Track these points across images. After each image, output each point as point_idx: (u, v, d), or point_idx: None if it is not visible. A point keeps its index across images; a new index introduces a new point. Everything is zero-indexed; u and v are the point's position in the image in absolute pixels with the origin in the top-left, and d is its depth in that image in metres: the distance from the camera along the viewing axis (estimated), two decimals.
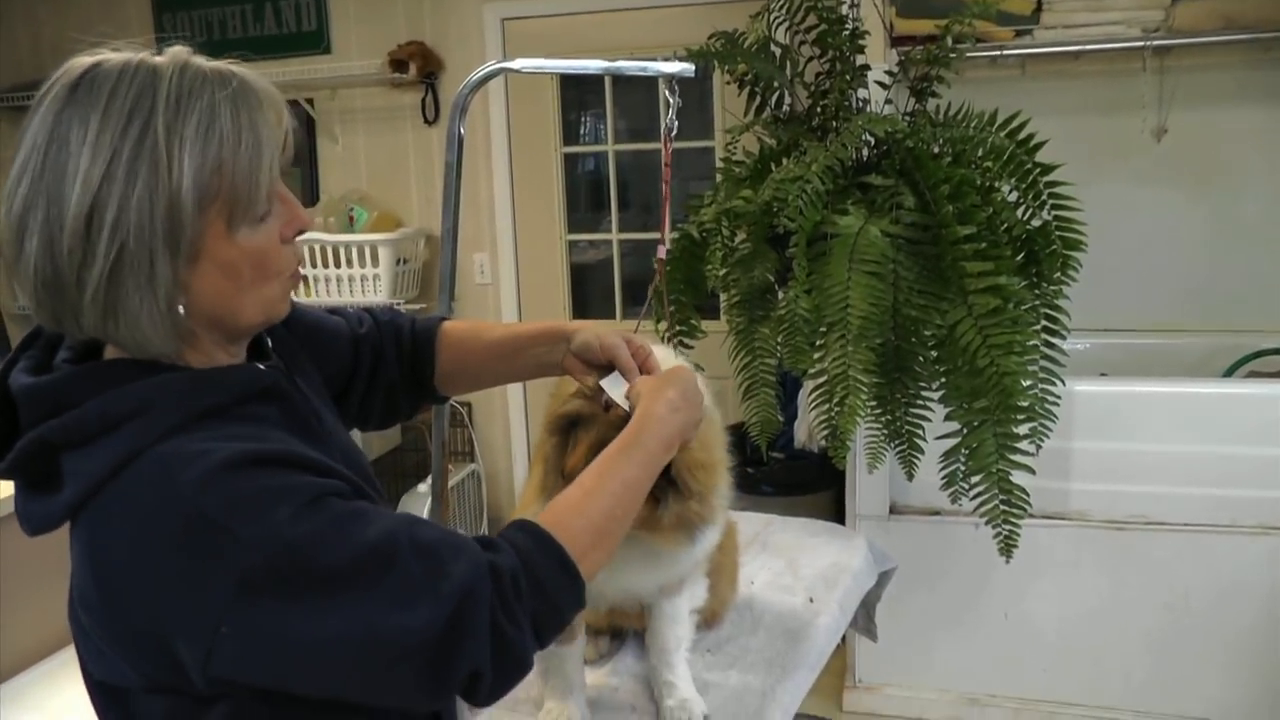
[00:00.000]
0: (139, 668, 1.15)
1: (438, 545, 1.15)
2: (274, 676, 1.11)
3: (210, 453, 1.09)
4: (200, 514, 1.06)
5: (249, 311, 1.21)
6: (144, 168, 1.07)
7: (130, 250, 1.08)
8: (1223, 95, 3.83)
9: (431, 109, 4.78)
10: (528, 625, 1.17)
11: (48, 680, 2.45)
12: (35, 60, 5.15)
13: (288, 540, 1.07)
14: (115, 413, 1.11)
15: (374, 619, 1.09)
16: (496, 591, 1.14)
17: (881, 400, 2.39)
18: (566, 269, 4.84)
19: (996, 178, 2.31)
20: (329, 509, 1.12)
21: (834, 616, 2.19)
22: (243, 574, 1.05)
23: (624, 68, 2.15)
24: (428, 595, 1.11)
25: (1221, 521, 3.21)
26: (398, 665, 1.11)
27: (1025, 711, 3.49)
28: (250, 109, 1.15)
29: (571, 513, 1.27)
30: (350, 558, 1.09)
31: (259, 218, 1.17)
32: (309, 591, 1.07)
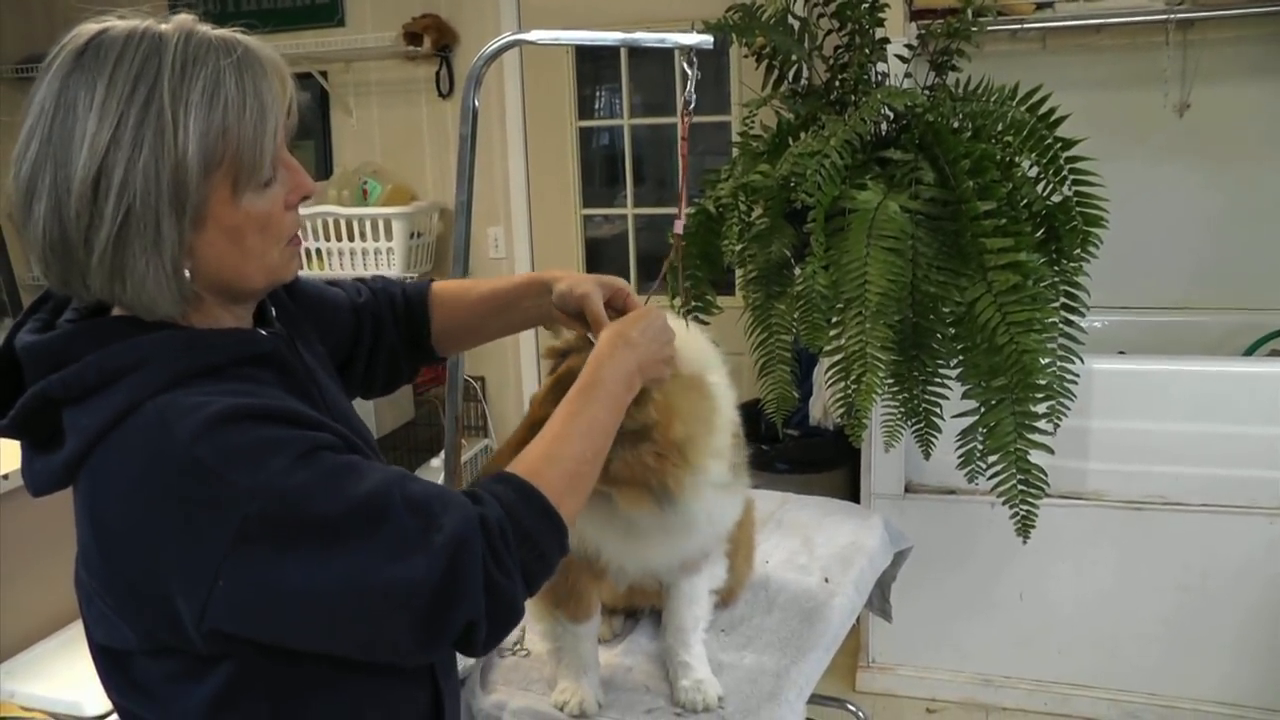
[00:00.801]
0: (138, 626, 1.18)
1: (429, 499, 1.17)
2: (269, 628, 1.13)
3: (207, 405, 1.11)
4: (196, 463, 1.08)
5: (254, 275, 1.23)
6: (150, 132, 1.09)
7: (136, 213, 1.10)
8: (1247, 70, 3.78)
9: (446, 82, 4.75)
10: (518, 574, 1.19)
11: (54, 655, 2.46)
12: (49, 32, 5.13)
13: (283, 490, 1.09)
14: (113, 366, 1.14)
15: (368, 570, 1.11)
16: (487, 543, 1.16)
17: (899, 378, 2.37)
18: (581, 244, 4.82)
19: (1017, 153, 2.29)
20: (323, 461, 1.14)
21: (849, 597, 2.18)
22: (239, 523, 1.07)
23: (641, 39, 2.13)
24: (421, 547, 1.13)
25: (1240, 502, 3.18)
26: (392, 616, 1.13)
27: (1040, 693, 3.47)
28: (255, 75, 1.17)
29: (543, 460, 1.28)
30: (344, 509, 1.11)
31: (264, 183, 1.19)
32: (304, 541, 1.10)
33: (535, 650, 1.95)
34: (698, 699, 1.76)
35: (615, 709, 1.78)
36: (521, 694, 1.82)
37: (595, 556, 1.68)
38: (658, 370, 1.45)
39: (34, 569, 2.51)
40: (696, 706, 1.76)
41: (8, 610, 2.48)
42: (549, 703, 1.77)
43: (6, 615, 2.47)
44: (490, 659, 1.94)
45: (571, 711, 1.74)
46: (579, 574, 1.74)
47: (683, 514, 1.55)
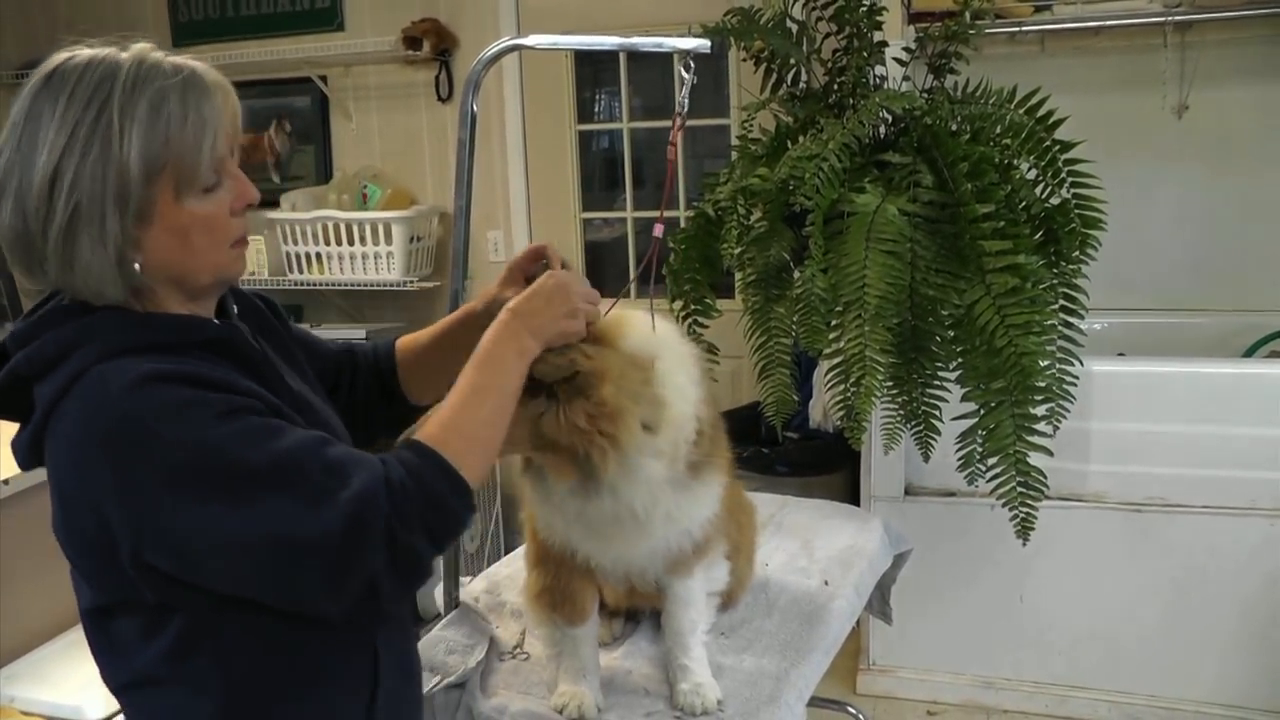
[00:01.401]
0: (97, 581, 1.35)
1: (343, 460, 1.29)
2: (193, 571, 1.27)
3: (140, 366, 1.27)
4: (126, 416, 1.24)
5: (201, 271, 1.39)
6: (98, 141, 1.27)
7: (84, 208, 1.27)
8: (1245, 72, 3.78)
9: (445, 86, 4.75)
10: (421, 530, 1.28)
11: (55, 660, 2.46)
12: (50, 37, 5.12)
13: (204, 442, 1.24)
14: (68, 340, 1.31)
15: (280, 521, 1.24)
16: (390, 500, 1.26)
17: (898, 380, 2.37)
18: (581, 247, 4.82)
19: (1015, 155, 2.29)
20: (245, 420, 1.27)
21: (849, 599, 2.18)
22: (165, 471, 1.22)
23: (639, 44, 2.13)
24: (329, 501, 1.24)
25: (1240, 503, 3.18)
26: (300, 565, 1.25)
27: (1040, 695, 3.47)
28: (198, 94, 1.33)
29: (440, 426, 1.38)
30: (261, 463, 1.24)
31: (205, 189, 1.35)
32: (222, 492, 1.23)
33: (535, 654, 1.95)
34: (696, 702, 1.76)
35: (615, 712, 1.77)
36: (521, 697, 1.82)
37: (572, 554, 1.70)
38: (560, 328, 1.52)
39: (34, 574, 2.51)
40: (695, 710, 1.76)
41: (8, 615, 2.48)
42: (549, 706, 1.77)
43: (7, 620, 2.47)
44: (490, 663, 1.94)
45: (571, 714, 1.74)
46: (570, 576, 1.74)
47: (625, 507, 1.57)
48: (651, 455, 1.57)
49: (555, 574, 1.77)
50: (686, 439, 1.62)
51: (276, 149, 5.09)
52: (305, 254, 4.70)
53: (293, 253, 4.71)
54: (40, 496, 2.47)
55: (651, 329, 1.65)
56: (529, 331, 1.48)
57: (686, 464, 1.63)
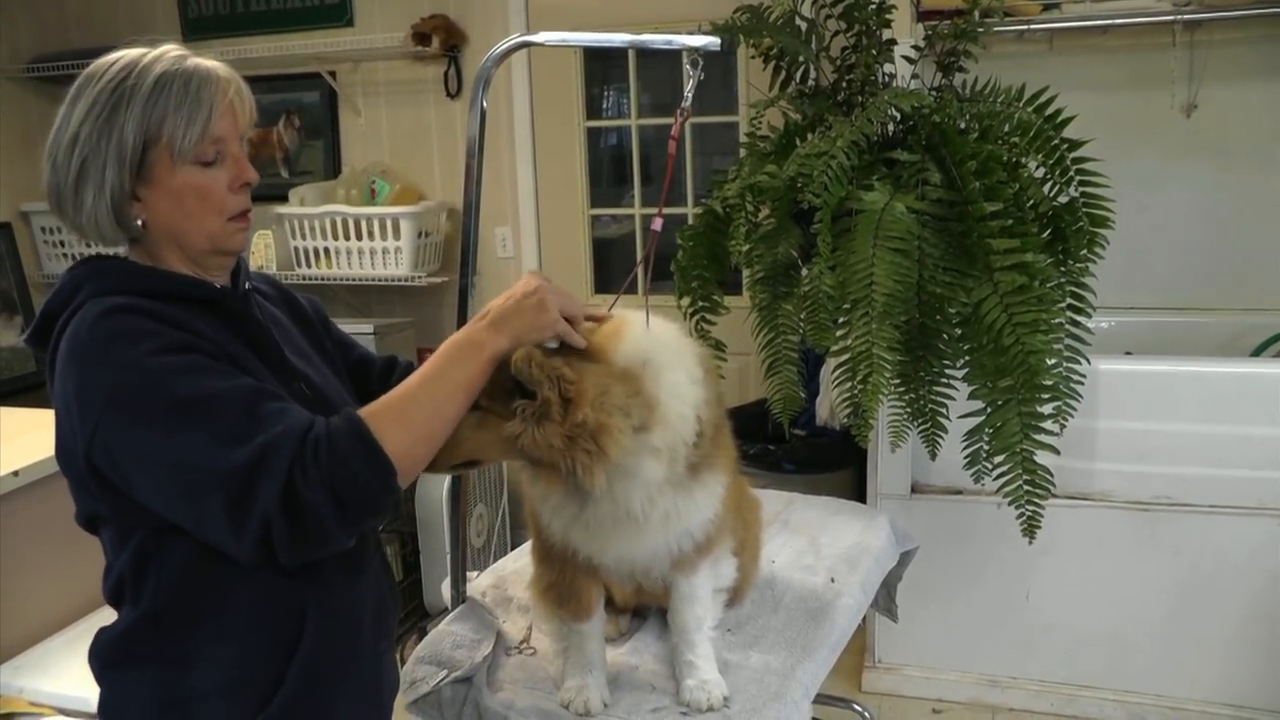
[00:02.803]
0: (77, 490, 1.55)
1: (272, 411, 1.43)
2: (126, 483, 1.44)
3: (113, 300, 1.48)
4: (91, 336, 1.45)
5: (195, 235, 1.58)
6: (108, 110, 1.51)
7: (89, 161, 1.52)
8: (1254, 71, 3.78)
9: (454, 82, 4.75)
10: (323, 489, 1.38)
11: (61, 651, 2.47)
12: (60, 32, 5.15)
13: (145, 367, 1.41)
14: (79, 280, 1.55)
15: (194, 450, 1.39)
16: (299, 452, 1.39)
17: (905, 378, 2.37)
18: (588, 243, 4.82)
19: (1023, 154, 2.29)
20: (191, 357, 1.45)
21: (855, 597, 2.18)
22: (109, 389, 1.41)
23: (648, 41, 2.13)
24: (243, 442, 1.38)
25: (1247, 503, 3.18)
26: (206, 497, 1.38)
27: (1046, 694, 3.48)
28: (200, 79, 1.54)
29: (385, 405, 1.49)
30: (191, 395, 1.40)
31: (203, 161, 1.55)
32: (153, 414, 1.40)
33: (542, 649, 1.96)
34: (702, 698, 1.76)
35: (621, 708, 1.78)
36: (528, 692, 1.83)
37: (574, 552, 1.70)
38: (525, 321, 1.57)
39: (41, 566, 2.52)
40: (701, 706, 1.76)
41: (15, 607, 2.49)
42: (555, 701, 1.78)
43: (13, 612, 2.48)
44: (497, 658, 1.95)
45: (577, 710, 1.75)
46: (574, 573, 1.74)
47: (622, 510, 1.57)
48: (647, 456, 1.56)
49: (560, 570, 1.77)
50: (685, 439, 1.61)
51: (285, 144, 5.10)
52: (313, 249, 4.71)
53: (301, 247, 4.72)
54: (48, 489, 2.49)
55: (648, 330, 1.64)
56: (490, 324, 1.56)
57: (686, 464, 1.62)
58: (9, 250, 4.94)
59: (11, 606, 2.48)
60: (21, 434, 2.77)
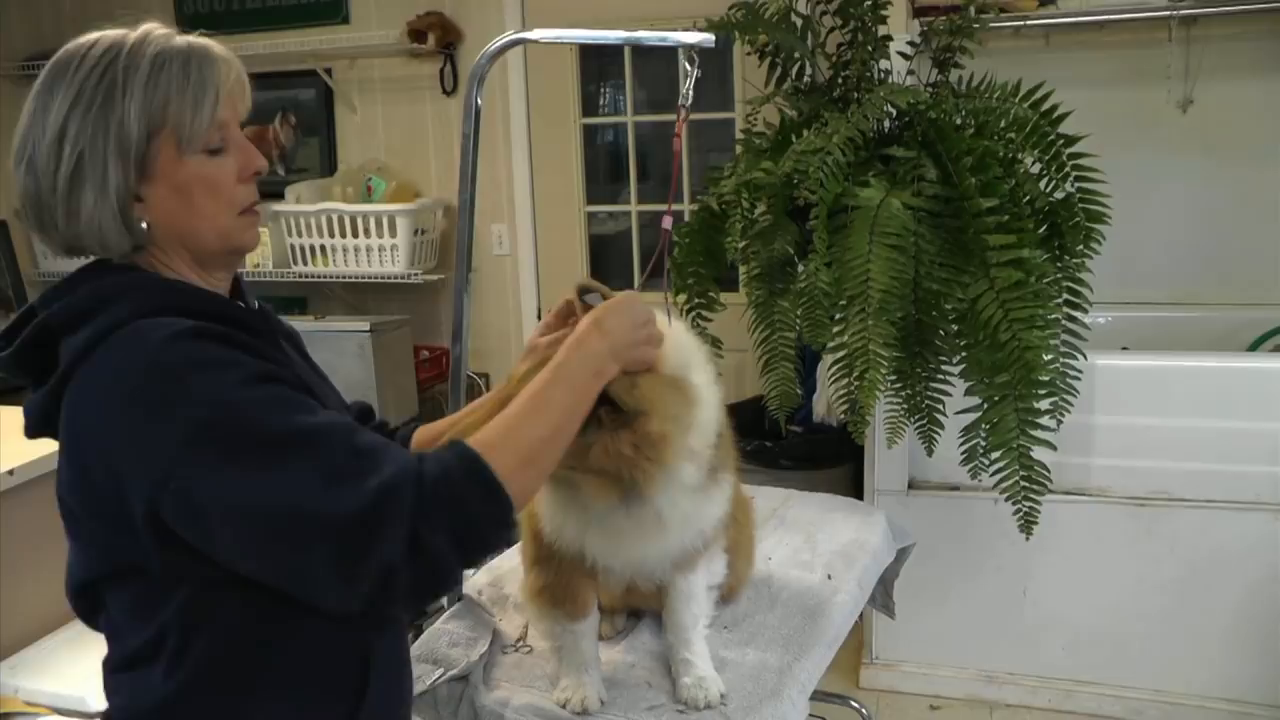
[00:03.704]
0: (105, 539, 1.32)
1: (374, 446, 1.26)
2: (204, 535, 1.24)
3: (180, 323, 1.28)
4: (159, 366, 1.24)
5: (205, 233, 1.41)
6: (101, 97, 1.33)
7: (86, 158, 1.32)
8: (1250, 66, 3.78)
9: (450, 79, 4.75)
10: (445, 535, 1.22)
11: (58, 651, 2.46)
12: (56, 30, 5.14)
13: (234, 402, 1.23)
14: (102, 294, 1.33)
15: (298, 492, 1.19)
16: (418, 495, 1.21)
17: (901, 374, 2.38)
18: (585, 240, 4.82)
19: (1019, 149, 2.29)
20: (278, 388, 1.28)
21: (852, 594, 2.18)
22: (190, 426, 1.21)
23: (643, 38, 2.13)
24: (353, 484, 1.20)
25: (1245, 498, 3.18)
26: (313, 544, 1.20)
27: (1043, 690, 3.47)
28: (200, 61, 1.38)
29: (498, 435, 1.33)
30: (288, 431, 1.23)
31: (210, 150, 1.38)
32: (245, 454, 1.21)
33: (538, 647, 1.95)
34: (700, 696, 1.76)
35: (618, 706, 1.77)
36: (524, 691, 1.82)
37: (582, 557, 1.68)
38: (637, 354, 1.48)
39: (38, 565, 2.51)
40: (699, 703, 1.76)
41: (10, 606, 2.48)
42: (551, 700, 1.78)
43: (10, 611, 2.48)
44: (493, 656, 1.94)
45: (574, 708, 1.74)
46: (572, 573, 1.73)
47: (650, 513, 1.56)
48: (688, 461, 1.57)
49: (556, 572, 1.76)
50: (710, 442, 1.62)
51: (281, 142, 5.09)
52: (310, 246, 4.70)
53: (297, 245, 4.72)
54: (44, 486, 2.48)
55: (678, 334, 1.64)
56: (611, 352, 1.43)
57: (707, 468, 1.63)
58: (5, 249, 4.93)
59: (6, 606, 2.48)
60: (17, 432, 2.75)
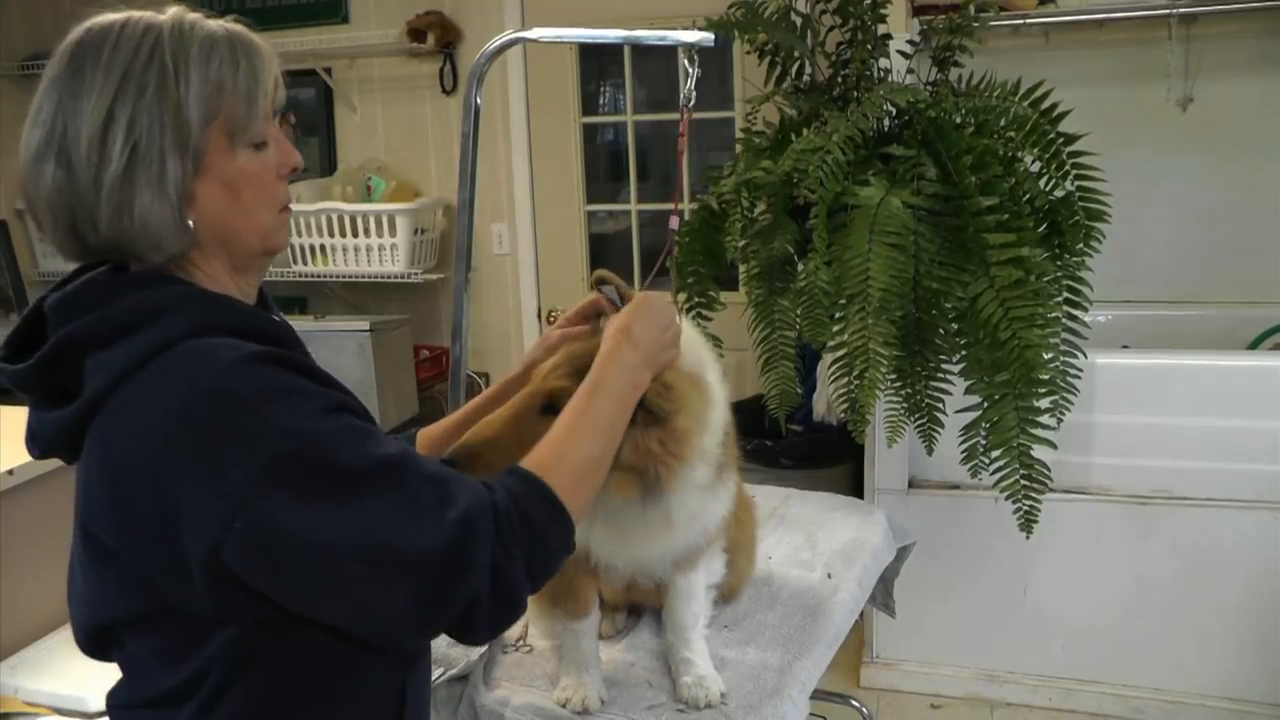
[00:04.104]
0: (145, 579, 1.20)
1: (446, 476, 1.21)
2: (274, 576, 1.15)
3: (243, 346, 1.18)
4: (230, 394, 1.13)
5: (249, 234, 1.30)
6: (153, 81, 1.19)
7: (142, 150, 1.19)
8: (1249, 64, 3.77)
9: (450, 79, 4.75)
10: (521, 563, 1.20)
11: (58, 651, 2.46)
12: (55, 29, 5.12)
13: (313, 434, 1.14)
14: (144, 309, 1.20)
15: (382, 528, 1.14)
16: (495, 525, 1.19)
17: (901, 373, 2.38)
18: (585, 239, 4.82)
19: (1019, 148, 2.29)
20: (348, 419, 1.19)
21: (852, 593, 2.18)
22: (269, 460, 1.11)
23: (643, 37, 2.13)
24: (434, 518, 1.15)
25: (1245, 496, 3.18)
26: (396, 580, 1.15)
27: (1044, 689, 3.47)
28: (245, 46, 1.27)
29: (552, 456, 1.31)
30: (366, 464, 1.15)
31: (256, 143, 1.28)
32: (325, 489, 1.13)
33: (539, 646, 1.95)
34: (700, 695, 1.76)
35: (618, 705, 1.77)
36: (525, 690, 1.82)
37: (586, 554, 1.68)
38: (666, 357, 1.49)
39: (38, 565, 2.51)
40: (699, 703, 1.75)
41: (9, 606, 2.48)
42: (552, 699, 1.77)
43: (10, 611, 2.48)
44: (493, 655, 1.94)
45: (574, 708, 1.74)
46: (574, 571, 1.73)
47: (660, 510, 1.55)
48: (701, 463, 1.58)
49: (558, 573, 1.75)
50: (720, 441, 1.63)
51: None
52: (309, 246, 4.70)
53: (297, 244, 4.71)
54: (44, 486, 2.49)
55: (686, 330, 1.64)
56: (645, 362, 1.43)
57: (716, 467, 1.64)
58: (5, 249, 4.93)
59: (6, 606, 2.47)
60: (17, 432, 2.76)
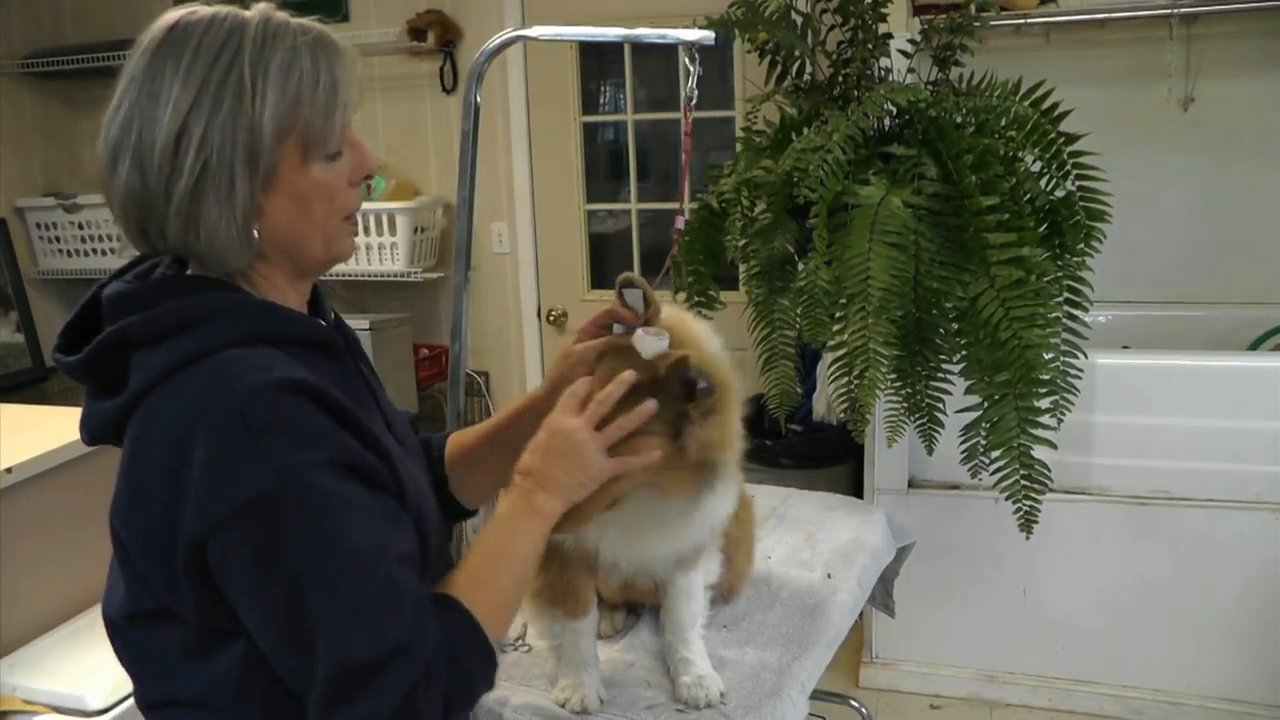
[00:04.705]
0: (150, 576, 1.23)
1: (400, 582, 1.20)
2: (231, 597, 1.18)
3: (271, 369, 1.19)
4: (240, 421, 1.14)
5: (315, 243, 1.32)
6: (229, 96, 1.20)
7: (213, 167, 1.20)
8: (1250, 64, 3.77)
9: (450, 77, 4.74)
10: (440, 701, 1.21)
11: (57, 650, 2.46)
12: (56, 27, 5.14)
13: (303, 486, 1.15)
14: (191, 314, 1.23)
15: (323, 610, 1.15)
16: (429, 664, 1.19)
17: (901, 373, 2.37)
18: (585, 238, 4.81)
19: (1020, 148, 2.29)
20: (350, 484, 1.19)
21: (852, 593, 2.18)
22: (254, 493, 1.13)
23: (642, 35, 2.13)
24: (375, 626, 1.16)
25: (1245, 497, 3.18)
26: (312, 665, 1.16)
27: (1043, 689, 3.47)
28: (329, 55, 1.28)
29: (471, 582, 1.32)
30: (338, 543, 1.16)
31: (331, 155, 1.29)
32: (291, 550, 1.14)
33: (537, 646, 1.95)
34: (700, 695, 1.75)
35: (617, 705, 1.77)
36: (523, 690, 1.82)
37: (594, 554, 1.67)
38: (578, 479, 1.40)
39: (37, 563, 2.51)
40: (699, 703, 1.75)
41: (10, 604, 2.48)
42: (550, 699, 1.77)
43: (9, 609, 2.48)
44: None
45: (574, 708, 1.74)
46: (574, 571, 1.73)
47: (677, 507, 1.55)
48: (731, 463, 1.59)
49: (556, 571, 1.75)
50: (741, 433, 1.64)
51: None
52: None
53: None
54: (42, 485, 2.49)
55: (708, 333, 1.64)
56: (544, 491, 1.38)
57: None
58: (4, 247, 4.92)
59: (5, 604, 2.47)
60: (16, 430, 2.76)
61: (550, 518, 1.39)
